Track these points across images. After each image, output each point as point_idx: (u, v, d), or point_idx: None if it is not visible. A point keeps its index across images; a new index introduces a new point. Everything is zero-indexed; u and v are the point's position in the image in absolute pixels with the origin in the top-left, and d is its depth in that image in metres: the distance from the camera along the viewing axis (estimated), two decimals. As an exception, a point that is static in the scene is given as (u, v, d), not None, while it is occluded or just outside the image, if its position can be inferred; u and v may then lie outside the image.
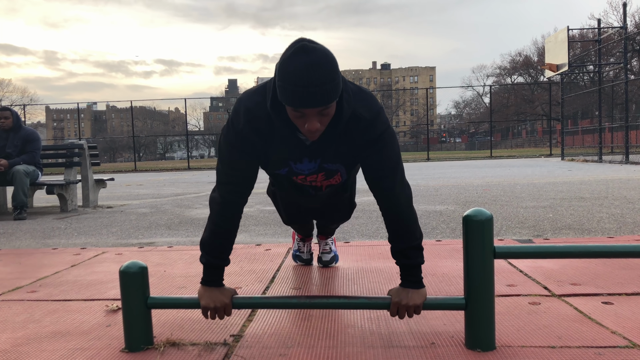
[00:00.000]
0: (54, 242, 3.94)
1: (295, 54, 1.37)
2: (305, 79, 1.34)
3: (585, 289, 2.13)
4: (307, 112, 1.41)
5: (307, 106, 1.38)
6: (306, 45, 1.37)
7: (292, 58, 1.37)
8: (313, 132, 1.46)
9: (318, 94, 1.36)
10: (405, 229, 1.63)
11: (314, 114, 1.42)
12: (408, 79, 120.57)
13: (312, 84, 1.34)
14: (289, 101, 1.39)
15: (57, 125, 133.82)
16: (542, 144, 46.85)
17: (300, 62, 1.35)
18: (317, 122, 1.44)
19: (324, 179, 1.76)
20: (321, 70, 1.35)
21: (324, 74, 1.35)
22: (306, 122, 1.44)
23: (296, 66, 1.35)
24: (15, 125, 5.90)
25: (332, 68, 1.38)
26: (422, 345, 1.59)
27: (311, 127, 1.44)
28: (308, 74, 1.34)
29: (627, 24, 16.57)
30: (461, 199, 6.10)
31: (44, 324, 1.90)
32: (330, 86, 1.37)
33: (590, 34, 20.80)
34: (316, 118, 1.43)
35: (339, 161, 1.69)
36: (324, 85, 1.36)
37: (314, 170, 1.71)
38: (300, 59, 1.35)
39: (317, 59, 1.36)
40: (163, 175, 18.31)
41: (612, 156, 17.11)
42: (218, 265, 1.67)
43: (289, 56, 1.37)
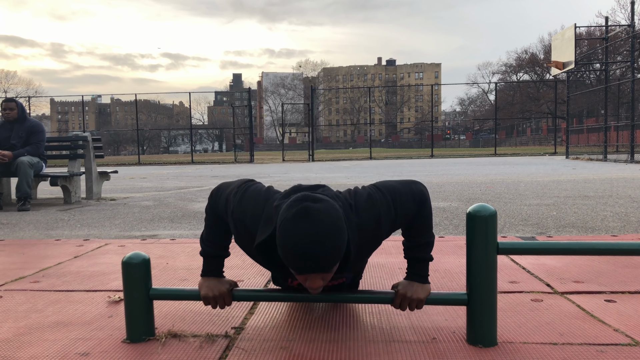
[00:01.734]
0: (57, 234, 3.95)
1: (297, 217, 1.30)
2: (307, 250, 1.28)
3: (588, 286, 2.12)
4: (309, 275, 1.36)
5: (310, 273, 1.33)
6: (309, 207, 1.30)
7: (293, 222, 1.30)
8: (315, 289, 1.40)
9: (320, 263, 1.30)
10: (426, 225, 1.62)
11: (316, 275, 1.35)
12: (413, 76, 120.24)
13: (314, 255, 1.28)
14: (291, 266, 1.34)
15: (62, 117, 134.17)
16: (546, 142, 46.68)
17: (303, 230, 1.28)
18: (319, 280, 1.37)
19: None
20: (324, 239, 1.29)
21: (326, 244, 1.29)
22: (307, 279, 1.37)
23: (297, 234, 1.28)
24: (20, 117, 5.91)
25: (335, 232, 1.31)
26: (424, 340, 1.59)
27: (313, 285, 1.38)
28: (310, 245, 1.27)
29: (635, 22, 16.46)
30: (465, 196, 6.09)
31: (47, 314, 1.91)
32: (333, 254, 1.31)
33: (598, 31, 20.68)
34: (319, 277, 1.36)
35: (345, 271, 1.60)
36: (327, 255, 1.29)
37: None
38: (303, 228, 1.28)
39: (320, 226, 1.28)
40: (166, 169, 18.34)
41: (617, 155, 17.03)
42: (216, 255, 1.67)
43: (291, 219, 1.30)
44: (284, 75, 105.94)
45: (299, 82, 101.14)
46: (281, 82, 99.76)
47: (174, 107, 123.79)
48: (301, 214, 1.30)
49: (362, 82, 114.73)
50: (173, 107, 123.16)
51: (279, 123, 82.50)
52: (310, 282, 1.37)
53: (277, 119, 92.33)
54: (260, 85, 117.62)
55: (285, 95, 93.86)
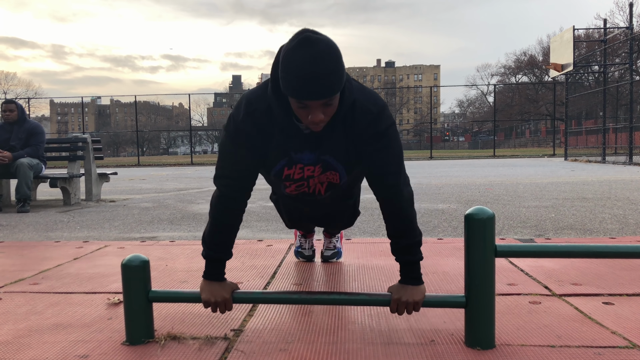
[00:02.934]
0: (57, 235, 3.95)
1: (299, 45, 1.35)
2: (310, 71, 1.33)
3: (586, 289, 2.13)
4: (311, 104, 1.40)
5: (312, 98, 1.37)
6: (310, 36, 1.36)
7: (295, 49, 1.35)
8: (317, 123, 1.45)
9: (322, 85, 1.35)
10: (408, 226, 1.63)
11: (318, 105, 1.41)
12: (412, 77, 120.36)
13: (317, 75, 1.33)
14: (293, 93, 1.38)
15: (61, 119, 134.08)
16: (545, 144, 46.70)
17: (304, 54, 1.33)
18: (320, 113, 1.43)
19: (320, 172, 1.71)
20: (325, 61, 1.34)
21: (328, 65, 1.34)
22: (309, 113, 1.43)
23: (300, 58, 1.34)
24: (19, 118, 5.92)
25: (336, 59, 1.37)
26: (422, 342, 1.59)
27: (315, 118, 1.43)
28: (312, 66, 1.33)
29: (633, 24, 16.49)
30: (463, 198, 6.09)
31: (46, 316, 1.91)
32: (334, 77, 1.36)
33: (596, 34, 20.74)
34: (320, 109, 1.42)
35: (338, 156, 1.66)
36: (328, 76, 1.35)
37: (313, 161, 1.67)
38: (304, 51, 1.34)
39: (321, 50, 1.34)
40: (166, 170, 18.34)
41: (616, 157, 17.05)
42: (218, 258, 1.67)
43: (293, 47, 1.36)
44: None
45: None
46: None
47: (173, 108, 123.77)
48: (302, 41, 1.35)
49: (361, 83, 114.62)
50: (172, 109, 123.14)
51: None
52: (312, 115, 1.43)
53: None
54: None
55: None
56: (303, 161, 1.68)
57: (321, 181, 1.75)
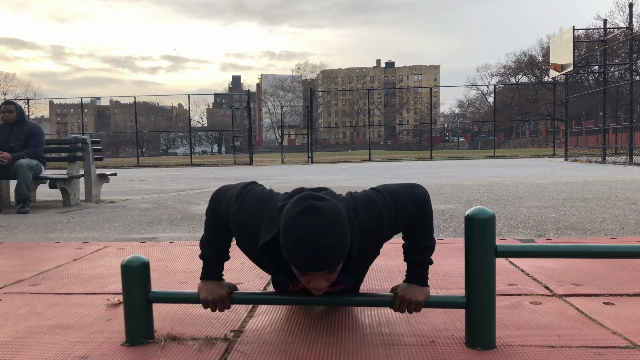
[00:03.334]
0: (56, 236, 3.95)
1: (301, 214, 1.30)
2: (313, 245, 1.27)
3: (586, 289, 2.13)
4: (313, 274, 1.36)
5: (314, 270, 1.33)
6: (313, 204, 1.31)
7: (298, 218, 1.30)
8: (318, 290, 1.40)
9: (325, 258, 1.29)
10: (427, 230, 1.62)
11: (320, 275, 1.36)
12: (412, 78, 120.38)
13: (320, 249, 1.28)
14: (295, 265, 1.34)
15: (61, 119, 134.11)
16: (545, 144, 46.72)
17: (308, 225, 1.28)
18: (323, 280, 1.38)
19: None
20: (330, 233, 1.28)
21: (332, 237, 1.29)
22: (311, 280, 1.38)
23: (302, 229, 1.28)
24: (19, 119, 5.91)
25: (340, 229, 1.31)
26: (423, 343, 1.59)
27: (316, 286, 1.38)
28: (316, 239, 1.27)
29: (633, 24, 16.50)
30: (463, 198, 6.09)
31: (46, 317, 1.91)
32: (338, 248, 1.30)
33: (596, 34, 20.75)
34: (323, 277, 1.37)
35: (346, 275, 1.62)
36: (332, 249, 1.29)
37: None
38: (308, 221, 1.29)
39: (325, 221, 1.29)
40: (165, 171, 18.34)
41: (616, 157, 17.05)
42: (215, 258, 1.67)
43: (295, 216, 1.30)
44: (283, 78, 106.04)
45: (298, 85, 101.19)
46: (280, 84, 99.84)
47: (173, 109, 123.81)
48: (306, 211, 1.30)
49: (361, 84, 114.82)
50: (172, 110, 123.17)
51: (278, 125, 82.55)
52: (313, 283, 1.37)
53: (276, 121, 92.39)
54: (260, 87, 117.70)
55: (285, 97, 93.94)
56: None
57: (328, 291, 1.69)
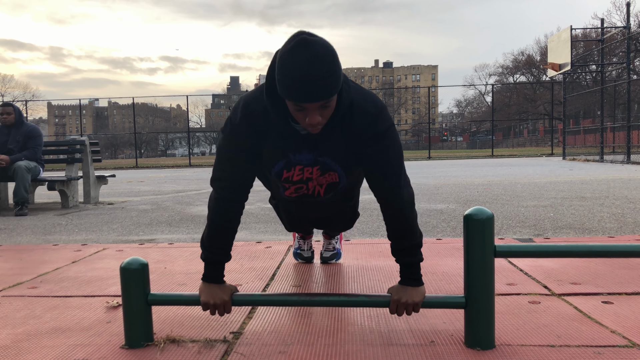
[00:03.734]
0: (55, 238, 3.94)
1: (295, 47, 1.35)
2: (306, 73, 1.33)
3: (585, 288, 2.13)
4: (309, 106, 1.40)
5: (309, 101, 1.38)
6: (306, 38, 1.36)
7: (292, 52, 1.35)
8: (314, 125, 1.46)
9: (320, 87, 1.35)
10: (409, 227, 1.63)
11: (315, 107, 1.41)
12: (410, 78, 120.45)
13: (313, 77, 1.33)
14: (290, 96, 1.38)
15: (59, 121, 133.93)
16: (543, 143, 46.77)
17: (301, 56, 1.34)
18: (318, 115, 1.43)
19: (319, 174, 1.71)
20: (322, 63, 1.34)
21: (325, 67, 1.34)
22: (307, 115, 1.44)
23: (296, 60, 1.34)
24: (17, 121, 5.90)
25: (332, 60, 1.37)
26: (422, 343, 1.59)
27: (312, 120, 1.44)
28: (309, 68, 1.33)
29: (631, 23, 16.52)
30: (462, 198, 6.10)
31: (45, 320, 1.91)
32: (331, 79, 1.36)
33: (593, 33, 20.75)
34: (317, 112, 1.43)
35: (336, 157, 1.66)
36: (325, 78, 1.35)
37: (311, 162, 1.67)
38: (301, 53, 1.34)
39: (318, 52, 1.34)
40: (164, 172, 18.32)
41: (614, 156, 17.07)
42: (217, 261, 1.67)
43: (289, 50, 1.36)
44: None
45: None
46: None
47: (171, 110, 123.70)
48: (299, 44, 1.35)
49: (359, 84, 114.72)
50: (170, 110, 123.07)
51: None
52: (310, 118, 1.43)
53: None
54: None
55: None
56: (302, 162, 1.68)
57: (320, 183, 1.74)
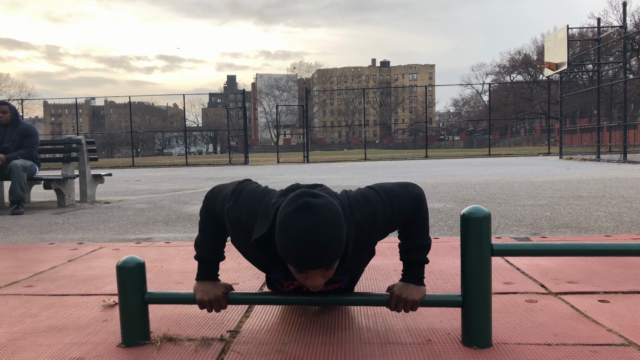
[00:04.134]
0: (51, 237, 3.93)
1: (298, 211, 1.30)
2: (309, 242, 1.27)
3: (581, 287, 2.14)
4: (310, 271, 1.35)
5: (311, 268, 1.32)
6: (309, 201, 1.31)
7: (294, 216, 1.29)
8: (316, 287, 1.40)
9: (322, 256, 1.29)
10: (423, 229, 1.63)
11: (317, 272, 1.35)
12: (407, 77, 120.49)
13: (316, 247, 1.27)
14: (291, 262, 1.33)
15: (55, 120, 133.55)
16: (540, 142, 46.86)
17: (303, 222, 1.28)
18: (320, 278, 1.37)
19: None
20: (326, 230, 1.28)
21: (328, 234, 1.29)
22: (308, 278, 1.37)
23: (299, 227, 1.28)
24: (13, 120, 5.88)
25: (336, 225, 1.31)
26: (419, 342, 1.59)
27: (314, 283, 1.38)
28: (312, 236, 1.27)
29: (627, 23, 16.57)
30: (459, 197, 6.10)
31: (41, 319, 1.90)
32: (334, 245, 1.30)
33: (590, 33, 20.81)
34: (320, 274, 1.36)
35: (341, 272, 1.61)
36: (328, 247, 1.29)
37: None
38: (303, 218, 1.28)
39: (321, 219, 1.29)
40: (161, 171, 18.29)
41: (610, 155, 17.13)
42: (210, 259, 1.67)
43: (291, 213, 1.30)
44: (278, 77, 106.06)
45: (293, 84, 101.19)
46: (275, 83, 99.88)
47: (168, 109, 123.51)
48: (302, 208, 1.30)
49: (356, 83, 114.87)
50: (167, 109, 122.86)
51: (274, 125, 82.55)
52: (311, 280, 1.37)
53: (271, 120, 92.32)
54: (255, 86, 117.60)
55: (280, 96, 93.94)
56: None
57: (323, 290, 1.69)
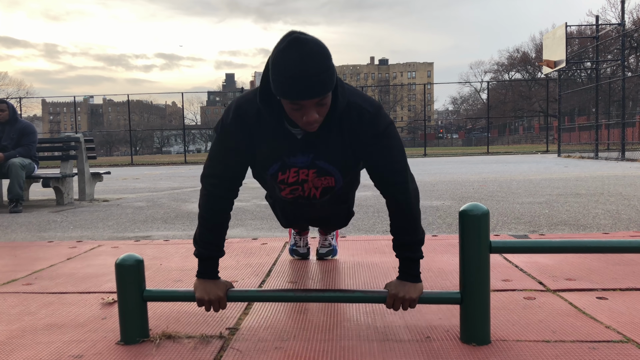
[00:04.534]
0: (50, 235, 3.93)
1: (288, 46, 1.37)
2: (301, 70, 1.34)
3: (580, 284, 2.14)
4: (305, 104, 1.41)
5: (305, 97, 1.38)
6: (298, 36, 1.38)
7: (285, 50, 1.36)
8: (311, 123, 1.46)
9: (315, 84, 1.36)
10: (413, 223, 1.63)
11: (311, 105, 1.42)
12: (406, 75, 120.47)
13: (308, 74, 1.35)
14: (286, 94, 1.39)
15: (54, 118, 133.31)
16: (538, 140, 46.93)
17: (294, 54, 1.35)
18: (315, 113, 1.44)
19: (315, 177, 1.71)
20: (315, 60, 1.36)
21: (319, 64, 1.36)
22: (304, 114, 1.44)
23: (290, 58, 1.35)
24: (11, 118, 5.87)
25: (325, 57, 1.38)
26: (418, 339, 1.59)
27: (309, 118, 1.44)
28: (303, 65, 1.34)
29: (625, 20, 16.57)
30: (457, 195, 6.11)
31: (40, 317, 1.90)
32: (326, 75, 1.38)
33: (588, 30, 20.82)
34: (314, 109, 1.43)
35: (333, 161, 1.66)
36: (319, 74, 1.36)
37: (307, 164, 1.68)
38: (294, 51, 1.35)
39: (311, 49, 1.36)
40: (159, 169, 18.27)
41: (609, 153, 17.14)
42: (210, 256, 1.67)
43: (282, 49, 1.37)
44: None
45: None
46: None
47: (166, 107, 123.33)
48: (292, 43, 1.36)
49: (354, 81, 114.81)
50: (166, 108, 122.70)
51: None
52: (306, 116, 1.44)
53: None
54: (253, 85, 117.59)
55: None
56: (297, 165, 1.69)
57: (316, 185, 1.75)
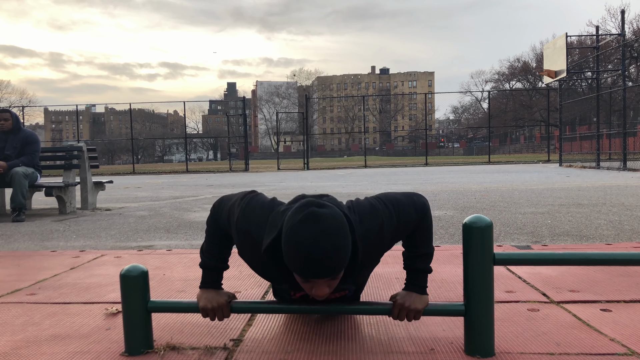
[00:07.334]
0: (53, 245, 3.93)
1: (304, 221, 1.31)
2: (315, 251, 1.28)
3: (583, 295, 2.14)
4: (316, 281, 1.36)
5: (317, 277, 1.34)
6: (315, 211, 1.32)
7: (299, 225, 1.31)
8: (321, 297, 1.40)
9: (329, 265, 1.31)
10: (427, 237, 1.64)
11: (323, 282, 1.36)
12: (407, 84, 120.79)
13: (323, 256, 1.29)
14: (298, 272, 1.34)
15: (56, 127, 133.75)
16: (540, 149, 46.91)
17: (310, 232, 1.29)
18: (326, 287, 1.38)
19: None
20: (332, 240, 1.30)
21: (334, 244, 1.30)
22: (313, 286, 1.38)
23: (304, 235, 1.30)
24: (14, 127, 5.89)
25: (342, 235, 1.32)
26: (422, 351, 1.59)
27: (319, 293, 1.38)
28: (318, 245, 1.28)
29: (625, 31, 16.64)
30: (459, 205, 6.11)
31: (44, 327, 1.90)
32: (341, 255, 1.32)
33: (589, 40, 20.87)
34: (325, 283, 1.37)
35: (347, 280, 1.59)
36: (334, 256, 1.30)
37: None
38: (310, 228, 1.30)
39: (328, 228, 1.30)
40: (161, 178, 18.29)
41: (610, 162, 17.14)
42: (215, 267, 1.68)
43: (298, 222, 1.32)
44: (278, 84, 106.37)
45: (293, 91, 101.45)
46: (276, 90, 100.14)
47: (168, 116, 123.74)
48: (308, 218, 1.31)
49: (356, 90, 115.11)
50: (167, 116, 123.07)
51: (274, 132, 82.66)
52: (316, 290, 1.38)
53: (271, 127, 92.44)
54: (255, 94, 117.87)
55: (280, 103, 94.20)
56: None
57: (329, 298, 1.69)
